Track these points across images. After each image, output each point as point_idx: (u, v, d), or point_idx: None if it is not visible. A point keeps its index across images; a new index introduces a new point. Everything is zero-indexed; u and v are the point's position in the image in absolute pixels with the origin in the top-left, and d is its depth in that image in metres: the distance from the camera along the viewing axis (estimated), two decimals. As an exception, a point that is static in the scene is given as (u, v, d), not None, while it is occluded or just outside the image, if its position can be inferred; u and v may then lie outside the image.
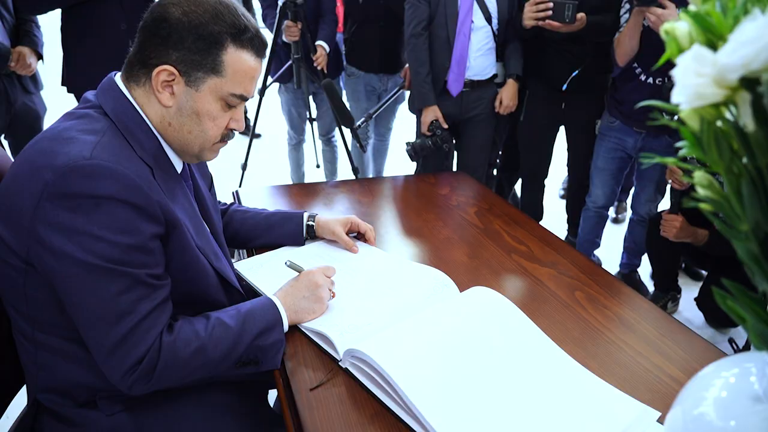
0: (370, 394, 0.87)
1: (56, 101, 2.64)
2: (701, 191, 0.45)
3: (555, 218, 3.12)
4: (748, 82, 0.39)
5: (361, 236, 1.34)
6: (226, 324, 0.91)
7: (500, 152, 3.01)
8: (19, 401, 1.00)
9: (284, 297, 0.99)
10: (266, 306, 0.97)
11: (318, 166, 3.45)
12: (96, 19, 2.04)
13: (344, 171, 3.54)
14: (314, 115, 3.05)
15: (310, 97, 2.90)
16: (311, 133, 3.13)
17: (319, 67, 2.62)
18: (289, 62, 2.62)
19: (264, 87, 2.66)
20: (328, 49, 2.71)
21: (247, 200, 1.63)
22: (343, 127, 2.76)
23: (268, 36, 3.03)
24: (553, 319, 1.08)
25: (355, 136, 2.41)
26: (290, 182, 3.46)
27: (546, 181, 2.75)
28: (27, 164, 0.82)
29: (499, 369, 0.88)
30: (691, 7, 0.43)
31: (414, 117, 2.54)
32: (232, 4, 0.91)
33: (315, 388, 0.88)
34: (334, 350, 0.94)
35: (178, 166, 0.98)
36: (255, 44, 0.93)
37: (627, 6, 2.08)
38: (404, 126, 3.64)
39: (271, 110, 3.81)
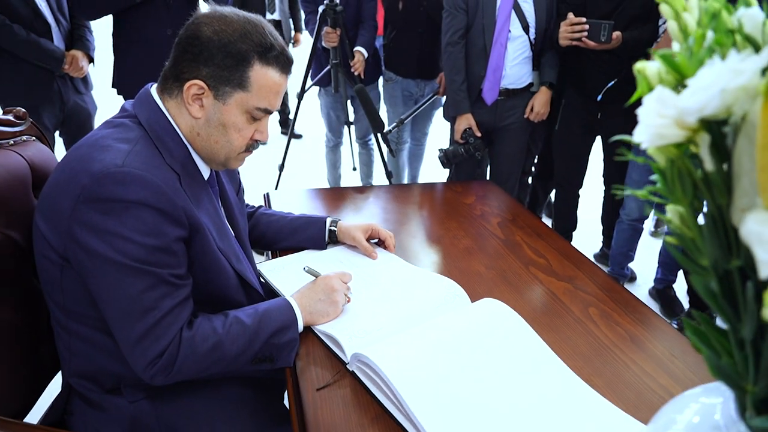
0: (374, 398, 0.90)
1: (106, 101, 2.79)
2: (672, 224, 0.46)
3: (590, 229, 3.08)
4: (708, 124, 0.40)
5: (381, 243, 1.38)
6: (243, 322, 0.96)
7: (535, 160, 2.99)
8: (56, 384, 1.08)
9: (301, 299, 1.04)
10: (283, 306, 1.02)
11: (354, 169, 3.51)
12: (144, 26, 2.15)
13: (380, 174, 3.59)
14: (352, 118, 3.11)
15: (348, 101, 2.96)
16: (348, 136, 3.20)
17: (356, 73, 2.67)
18: (328, 67, 2.69)
19: (303, 90, 2.74)
20: (366, 54, 2.76)
21: (277, 202, 1.69)
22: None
23: (308, 40, 3.10)
24: (563, 335, 1.08)
25: (385, 140, 2.46)
26: (326, 183, 3.54)
27: (583, 192, 2.72)
28: (68, 168, 0.90)
29: (500, 382, 0.90)
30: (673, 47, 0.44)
31: (449, 123, 2.56)
32: (260, 24, 0.97)
33: (321, 389, 0.93)
34: (343, 353, 0.98)
35: (206, 173, 1.05)
36: (280, 61, 0.98)
37: (667, 17, 2.04)
38: (442, 131, 3.66)
39: (313, 112, 3.89)
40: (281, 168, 2.92)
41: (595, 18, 2.14)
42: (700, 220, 0.44)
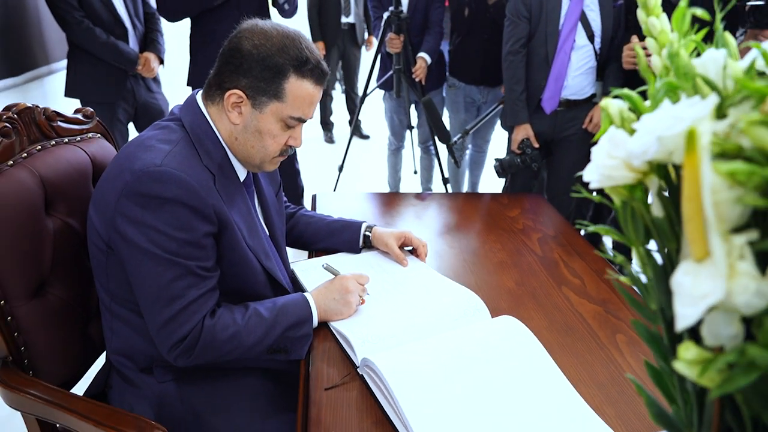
0: (378, 403, 0.93)
1: (177, 99, 2.99)
2: (634, 265, 0.46)
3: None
4: (658, 168, 0.40)
5: (415, 251, 1.40)
6: (261, 315, 1.02)
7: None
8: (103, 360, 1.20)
9: (317, 296, 1.09)
10: (300, 302, 1.07)
11: (415, 172, 3.54)
12: (217, 28, 2.29)
13: (440, 178, 3.59)
14: (414, 123, 3.14)
15: (411, 106, 2.99)
16: (411, 140, 3.23)
17: (417, 79, 2.70)
18: (390, 72, 2.73)
19: (365, 93, 2.80)
20: (429, 60, 2.78)
21: (323, 203, 1.75)
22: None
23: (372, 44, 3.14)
24: (583, 359, 1.06)
25: (450, 152, 2.46)
26: (387, 186, 3.59)
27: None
28: (116, 165, 0.99)
29: (503, 403, 0.90)
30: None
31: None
32: (298, 38, 1.02)
33: (329, 389, 0.96)
34: (354, 356, 1.01)
35: (242, 174, 1.12)
36: (315, 74, 1.03)
37: (740, 29, 1.91)
38: (504, 138, 3.61)
39: (382, 115, 3.96)
40: (340, 169, 3.00)
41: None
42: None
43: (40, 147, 1.10)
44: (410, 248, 1.42)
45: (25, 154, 1.06)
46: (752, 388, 0.34)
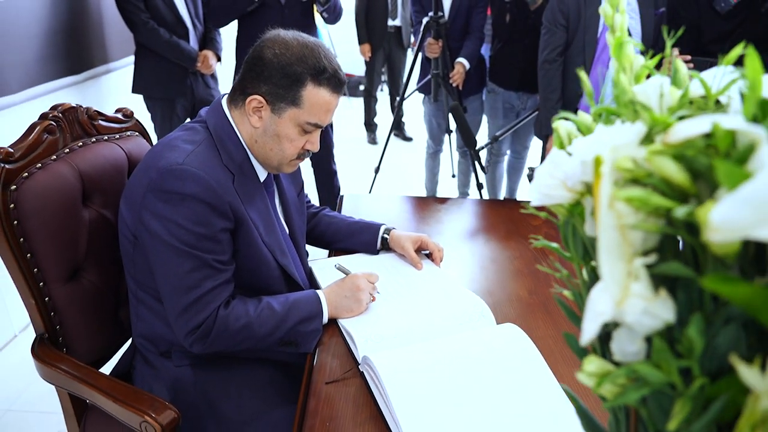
0: (374, 399, 0.97)
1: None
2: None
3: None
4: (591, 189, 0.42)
5: (431, 254, 1.43)
6: (273, 308, 1.08)
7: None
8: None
9: (329, 294, 1.14)
10: (311, 298, 1.12)
11: (453, 176, 3.55)
12: (261, 30, 2.38)
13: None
14: (453, 127, 3.15)
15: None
16: (449, 143, 3.24)
17: (454, 84, 2.71)
18: (428, 76, 2.76)
19: (402, 97, 2.84)
20: (467, 66, 2.79)
21: (348, 205, 1.80)
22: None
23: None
24: (584, 371, 1.06)
25: (476, 157, 2.47)
26: (424, 189, 3.61)
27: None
28: (145, 162, 1.07)
29: (495, 408, 0.92)
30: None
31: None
32: (317, 48, 1.08)
33: (330, 383, 1.01)
34: (357, 353, 1.05)
35: (262, 175, 1.18)
36: (332, 83, 1.08)
37: None
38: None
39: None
40: (377, 171, 3.05)
41: (712, 38, 1.98)
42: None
43: (81, 143, 1.20)
44: (427, 252, 1.44)
45: (68, 150, 1.16)
46: (655, 403, 0.36)
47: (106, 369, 1.24)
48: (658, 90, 0.42)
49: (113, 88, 2.94)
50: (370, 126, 5.33)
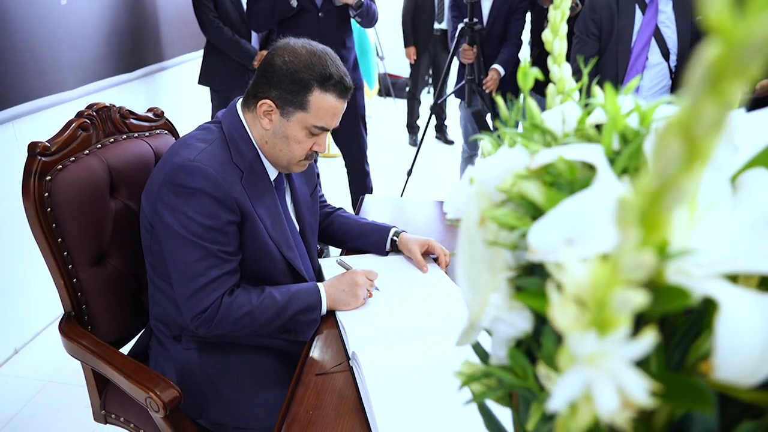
0: (359, 393, 1.02)
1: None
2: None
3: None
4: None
5: (438, 258, 1.46)
6: (275, 298, 1.15)
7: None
8: (150, 323, 1.39)
9: (328, 287, 1.20)
10: (311, 290, 1.19)
11: (488, 181, 3.54)
12: (298, 34, 2.48)
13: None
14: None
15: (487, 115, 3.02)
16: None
17: (487, 90, 2.72)
18: (463, 82, 2.78)
19: (436, 102, 2.87)
20: (502, 72, 2.79)
21: (369, 207, 1.86)
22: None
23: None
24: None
25: None
26: (458, 192, 3.63)
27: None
28: (164, 159, 1.16)
29: (471, 418, 0.95)
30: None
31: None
32: (324, 55, 1.14)
33: (320, 375, 1.07)
34: (348, 348, 1.11)
35: (273, 174, 1.25)
36: (338, 88, 1.14)
37: None
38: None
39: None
40: (409, 173, 3.10)
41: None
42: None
43: (113, 140, 1.30)
44: (434, 256, 1.48)
45: (99, 145, 1.27)
46: (523, 404, 0.40)
47: (126, 349, 1.35)
48: (560, 116, 0.45)
49: (162, 87, 3.11)
50: (413, 128, 5.37)
